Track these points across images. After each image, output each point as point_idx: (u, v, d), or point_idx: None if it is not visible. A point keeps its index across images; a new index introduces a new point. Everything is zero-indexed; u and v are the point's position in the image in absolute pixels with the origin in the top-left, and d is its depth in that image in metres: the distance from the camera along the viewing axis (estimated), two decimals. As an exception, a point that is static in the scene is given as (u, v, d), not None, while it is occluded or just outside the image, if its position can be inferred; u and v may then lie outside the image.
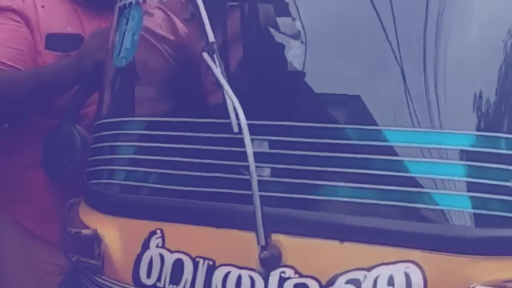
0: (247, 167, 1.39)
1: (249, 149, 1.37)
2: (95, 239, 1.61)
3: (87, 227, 1.65)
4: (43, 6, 2.02)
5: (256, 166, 1.42)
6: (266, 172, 1.46)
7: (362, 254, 1.38)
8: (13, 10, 1.99)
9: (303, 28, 1.54)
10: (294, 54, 1.50)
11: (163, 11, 1.60)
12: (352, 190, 1.42)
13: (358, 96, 1.49)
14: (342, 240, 1.39)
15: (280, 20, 1.53)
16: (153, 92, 1.69)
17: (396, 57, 1.46)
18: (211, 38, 1.50)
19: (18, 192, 2.06)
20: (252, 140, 1.44)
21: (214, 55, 1.49)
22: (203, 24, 1.50)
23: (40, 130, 1.96)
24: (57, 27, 2.02)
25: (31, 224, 2.05)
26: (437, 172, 1.40)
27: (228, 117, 1.44)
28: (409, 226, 1.39)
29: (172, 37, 1.62)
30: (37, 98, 1.96)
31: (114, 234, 1.61)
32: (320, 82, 1.51)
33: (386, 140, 1.44)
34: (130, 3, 1.70)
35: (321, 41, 1.53)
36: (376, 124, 1.45)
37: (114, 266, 1.60)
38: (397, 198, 1.41)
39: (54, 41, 2.01)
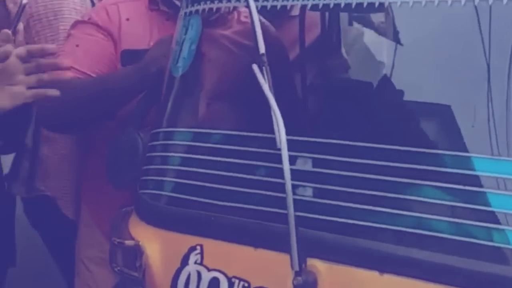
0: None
1: (286, 166, 1.30)
2: (137, 251, 1.58)
3: (132, 238, 1.63)
4: (128, 19, 2.00)
5: (297, 185, 1.36)
6: (307, 191, 1.39)
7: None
8: (98, 25, 1.99)
9: (361, 41, 1.46)
10: (347, 69, 1.42)
11: (221, 21, 1.56)
12: (399, 218, 1.32)
13: (416, 117, 1.40)
14: (382, 271, 1.30)
15: (334, 33, 1.46)
16: (204, 103, 1.65)
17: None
18: (262, 49, 1.44)
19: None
20: (295, 157, 1.38)
21: (264, 68, 1.43)
22: (255, 35, 1.45)
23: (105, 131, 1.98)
24: (138, 42, 1.98)
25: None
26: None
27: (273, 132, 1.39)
28: (464, 263, 1.27)
29: (226, 47, 1.57)
30: (104, 104, 1.94)
31: (156, 247, 1.57)
32: (374, 99, 1.43)
33: (445, 166, 1.33)
34: (190, 12, 1.67)
35: (379, 53, 1.45)
36: (435, 147, 1.35)
37: (154, 280, 1.56)
38: (452, 231, 1.30)
39: (129, 57, 1.98)
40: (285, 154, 1.33)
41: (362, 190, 1.31)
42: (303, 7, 1.48)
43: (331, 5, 1.43)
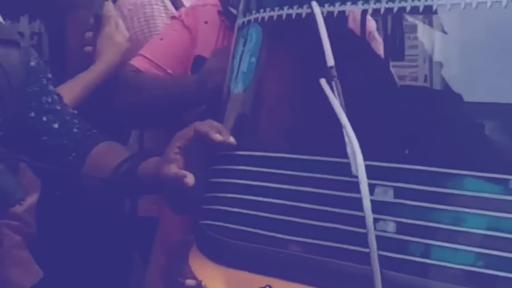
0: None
1: (366, 198, 1.11)
2: (199, 292, 1.42)
3: (193, 275, 1.46)
4: (206, 22, 1.96)
5: (378, 219, 1.17)
6: (391, 227, 1.20)
7: None
8: (184, 25, 1.97)
9: (445, 53, 1.27)
10: (434, 83, 1.23)
11: (280, 32, 1.38)
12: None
13: None
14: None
15: (416, 45, 1.26)
16: (270, 123, 1.48)
17: None
18: (331, 62, 1.26)
19: None
20: (374, 186, 1.19)
21: (333, 83, 1.25)
22: (321, 46, 1.27)
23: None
24: (207, 48, 1.92)
25: None
26: None
27: (345, 156, 1.20)
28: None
29: (288, 60, 1.40)
30: (165, 107, 1.90)
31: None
32: (467, 118, 1.23)
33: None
34: (249, 21, 1.50)
35: (471, 65, 1.25)
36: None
37: (219, 326, 1.40)
38: None
39: (199, 64, 1.90)
40: (363, 182, 1.14)
41: (458, 226, 1.12)
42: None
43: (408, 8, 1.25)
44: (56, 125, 1.55)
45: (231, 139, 1.37)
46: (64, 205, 2.12)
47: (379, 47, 1.74)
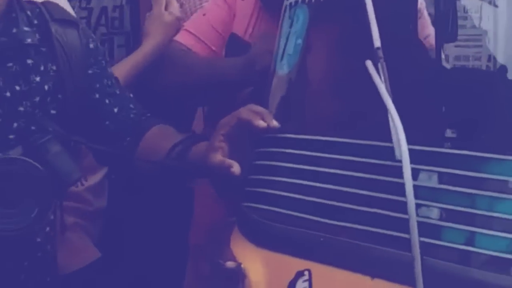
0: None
1: (408, 182, 1.08)
2: (239, 274, 1.41)
3: (234, 258, 1.45)
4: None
5: (421, 205, 1.14)
6: (434, 213, 1.17)
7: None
8: (225, 0, 1.97)
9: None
10: (486, 64, 1.19)
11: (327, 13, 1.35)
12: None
13: None
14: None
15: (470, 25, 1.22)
16: (315, 106, 1.45)
17: None
18: (377, 43, 1.23)
19: None
20: (418, 171, 1.16)
21: (379, 65, 1.22)
22: (368, 25, 1.24)
23: None
24: (241, 26, 1.92)
25: None
26: None
27: (390, 140, 1.17)
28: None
29: (334, 42, 1.37)
30: (209, 87, 1.90)
31: (259, 270, 1.37)
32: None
33: None
34: (296, 2, 1.47)
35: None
36: None
37: (257, 308, 1.39)
38: None
39: (233, 43, 1.91)
40: (406, 167, 1.12)
41: (499, 213, 1.08)
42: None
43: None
44: (116, 109, 1.56)
45: (274, 123, 1.35)
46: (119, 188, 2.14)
47: (425, 24, 1.69)
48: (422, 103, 1.28)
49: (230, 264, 1.44)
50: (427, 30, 1.69)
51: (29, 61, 1.47)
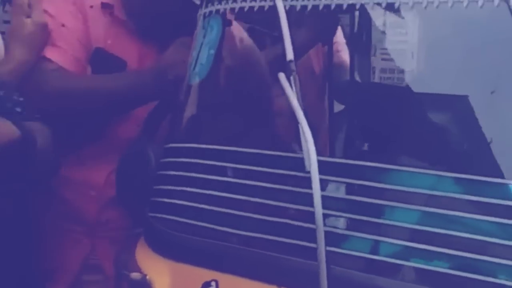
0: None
1: (316, 192, 1.09)
2: (144, 286, 1.38)
3: (139, 269, 1.43)
4: (91, 6, 1.82)
5: (328, 215, 1.16)
6: (341, 223, 1.18)
7: None
8: (76, 5, 1.81)
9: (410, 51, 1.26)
10: (389, 78, 1.22)
11: (240, 23, 1.36)
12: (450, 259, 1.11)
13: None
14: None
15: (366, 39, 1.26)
16: (225, 116, 1.45)
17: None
18: (290, 56, 1.24)
19: None
20: (326, 182, 1.18)
21: (291, 77, 1.23)
22: (282, 39, 1.25)
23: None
24: (100, 37, 1.80)
25: None
26: None
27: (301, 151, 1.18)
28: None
29: (247, 53, 1.38)
30: (111, 110, 1.78)
31: (165, 281, 1.36)
32: (420, 114, 1.22)
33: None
34: (210, 12, 1.47)
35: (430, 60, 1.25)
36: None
37: (162, 320, 1.37)
38: None
39: (98, 58, 1.80)
40: (315, 178, 1.13)
41: (407, 223, 1.11)
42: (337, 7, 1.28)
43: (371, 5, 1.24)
44: None
45: None
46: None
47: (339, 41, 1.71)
48: (332, 117, 1.30)
49: (135, 275, 1.41)
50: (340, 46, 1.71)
51: None
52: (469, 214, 1.05)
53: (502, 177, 1.09)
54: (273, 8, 1.28)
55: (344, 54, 1.60)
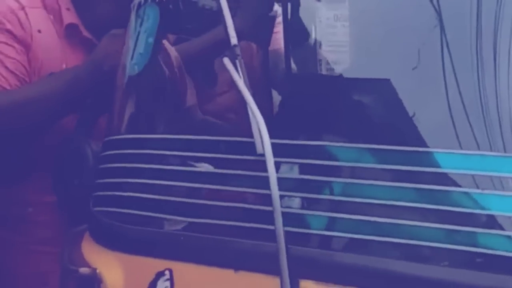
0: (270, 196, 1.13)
1: (272, 174, 1.10)
2: (94, 280, 1.37)
3: (87, 264, 1.41)
4: (39, 31, 1.72)
5: (284, 196, 1.17)
6: (296, 203, 1.20)
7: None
8: (12, 33, 1.70)
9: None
10: (332, 60, 1.24)
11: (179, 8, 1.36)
12: (403, 229, 1.14)
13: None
14: (388, 293, 1.12)
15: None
16: (167, 104, 1.45)
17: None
18: (234, 40, 1.25)
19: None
20: (279, 163, 1.19)
21: (237, 61, 1.24)
22: (225, 23, 1.25)
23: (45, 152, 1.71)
24: (54, 62, 1.72)
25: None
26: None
27: (251, 135, 1.19)
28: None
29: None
30: (48, 116, 1.69)
31: (117, 275, 1.34)
32: (371, 94, 1.25)
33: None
34: (145, 1, 1.46)
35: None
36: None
37: (116, 314, 1.35)
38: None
39: None
40: (270, 160, 1.14)
41: (362, 198, 1.13)
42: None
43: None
44: None
45: None
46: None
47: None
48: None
49: (84, 270, 1.39)
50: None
51: None
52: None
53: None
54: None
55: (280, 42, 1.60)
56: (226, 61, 1.24)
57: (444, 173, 1.12)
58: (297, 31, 1.47)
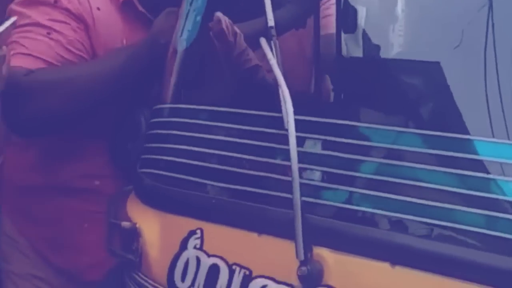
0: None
1: (293, 148, 1.21)
2: (134, 233, 1.50)
3: (129, 219, 1.54)
4: (98, 8, 1.78)
5: (305, 169, 1.27)
6: (316, 176, 1.30)
7: (416, 282, 1.19)
8: (70, 11, 1.75)
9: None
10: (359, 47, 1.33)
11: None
12: (412, 207, 1.23)
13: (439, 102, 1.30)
14: (394, 263, 1.20)
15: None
16: (210, 80, 1.56)
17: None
18: (271, 22, 1.35)
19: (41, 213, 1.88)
20: (304, 139, 1.29)
21: (272, 42, 1.34)
22: (263, 5, 1.35)
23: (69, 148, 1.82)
24: (115, 38, 1.78)
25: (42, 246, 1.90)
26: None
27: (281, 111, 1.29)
28: (485, 258, 1.16)
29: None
30: (108, 90, 1.74)
31: (154, 230, 1.48)
32: (395, 80, 1.33)
33: (466, 151, 1.22)
34: (197, -18, 1.58)
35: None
36: (457, 131, 1.24)
37: (151, 265, 1.47)
38: (473, 222, 1.20)
39: None
40: (292, 135, 1.24)
41: (375, 175, 1.23)
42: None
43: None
44: None
45: None
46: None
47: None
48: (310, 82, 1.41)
49: (125, 224, 1.53)
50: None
51: None
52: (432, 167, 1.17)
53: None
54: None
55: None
56: (263, 41, 1.35)
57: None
58: (348, 16, 1.55)
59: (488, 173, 1.17)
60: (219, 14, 1.41)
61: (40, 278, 1.90)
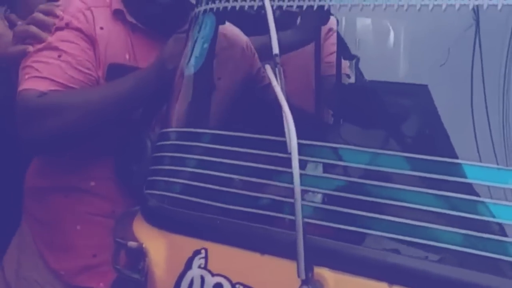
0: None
1: (296, 170, 1.25)
2: (140, 253, 1.54)
3: (136, 239, 1.59)
4: (102, 28, 1.84)
5: (307, 191, 1.32)
6: (317, 198, 1.35)
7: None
8: (81, 31, 1.82)
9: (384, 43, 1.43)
10: (361, 73, 1.39)
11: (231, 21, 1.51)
12: (411, 228, 1.28)
13: (431, 126, 1.35)
14: (391, 283, 1.25)
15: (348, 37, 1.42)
16: (214, 104, 1.62)
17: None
18: (276, 50, 1.40)
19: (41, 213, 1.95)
20: (306, 162, 1.34)
21: (277, 69, 1.40)
22: (270, 35, 1.41)
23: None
24: (117, 55, 1.84)
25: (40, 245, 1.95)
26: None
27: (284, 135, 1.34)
28: (481, 278, 1.22)
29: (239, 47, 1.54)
30: (116, 113, 1.80)
31: (160, 250, 1.52)
32: (387, 104, 1.38)
33: (459, 175, 1.28)
34: (205, 11, 1.63)
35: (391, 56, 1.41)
36: (451, 156, 1.30)
37: (156, 283, 1.51)
38: (466, 243, 1.25)
39: (115, 72, 1.83)
40: (295, 158, 1.29)
41: (374, 198, 1.28)
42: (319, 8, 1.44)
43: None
44: None
45: None
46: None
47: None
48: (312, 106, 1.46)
49: (132, 243, 1.57)
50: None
51: None
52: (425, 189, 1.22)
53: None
54: (262, 7, 1.44)
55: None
56: (268, 68, 1.40)
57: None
58: (348, 44, 1.60)
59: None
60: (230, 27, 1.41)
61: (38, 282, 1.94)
